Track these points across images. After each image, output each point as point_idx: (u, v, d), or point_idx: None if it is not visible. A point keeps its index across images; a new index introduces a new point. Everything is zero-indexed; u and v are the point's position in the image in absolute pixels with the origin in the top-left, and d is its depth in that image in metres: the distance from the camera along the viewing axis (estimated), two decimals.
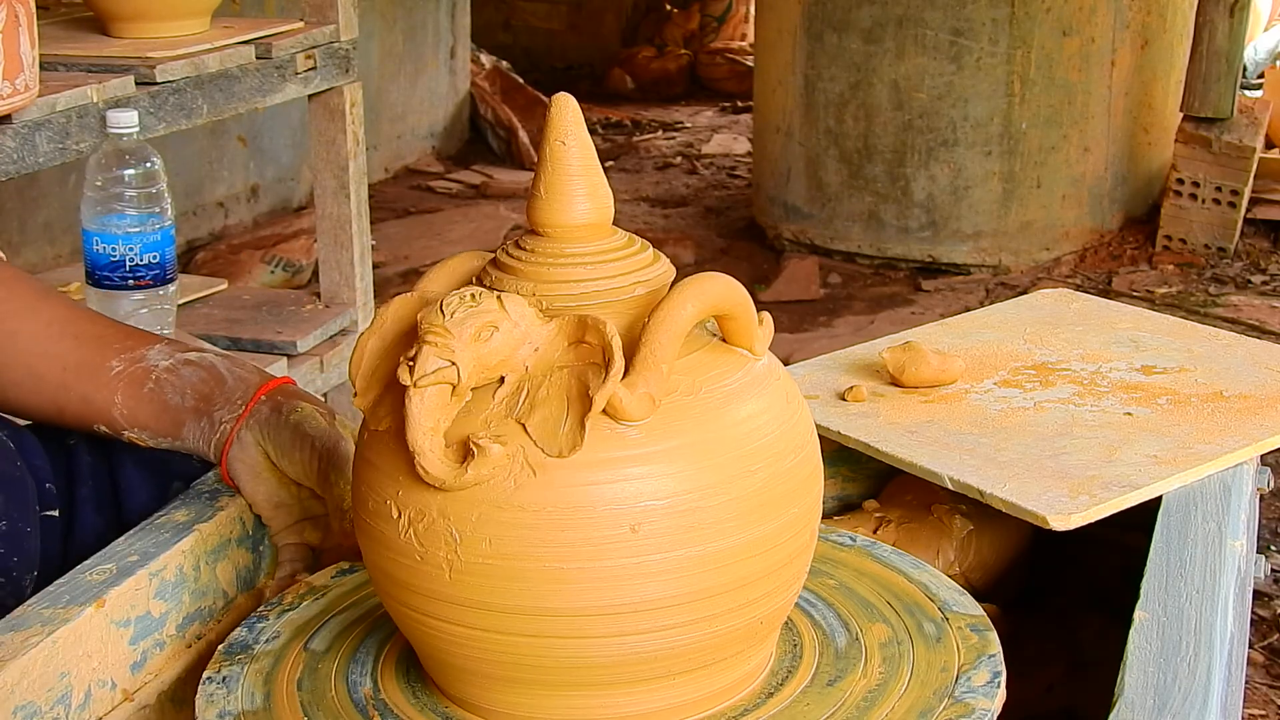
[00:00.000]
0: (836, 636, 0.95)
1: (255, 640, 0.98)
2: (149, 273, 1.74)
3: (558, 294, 0.85)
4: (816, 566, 0.97)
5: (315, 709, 0.90)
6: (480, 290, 0.83)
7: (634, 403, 0.80)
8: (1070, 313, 1.55)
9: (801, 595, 0.96)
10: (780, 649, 0.93)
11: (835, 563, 1.04)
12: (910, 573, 1.02)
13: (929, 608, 0.98)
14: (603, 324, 0.81)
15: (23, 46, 1.70)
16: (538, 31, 7.26)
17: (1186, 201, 4.09)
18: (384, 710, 0.90)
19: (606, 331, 0.80)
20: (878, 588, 1.01)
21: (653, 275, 0.87)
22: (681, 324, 0.81)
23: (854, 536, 1.08)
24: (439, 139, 5.58)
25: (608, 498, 0.80)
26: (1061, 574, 1.35)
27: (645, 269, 0.87)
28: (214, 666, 0.95)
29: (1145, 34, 4.15)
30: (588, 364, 0.81)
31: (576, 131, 0.87)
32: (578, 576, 0.80)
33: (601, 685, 0.84)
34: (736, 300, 0.86)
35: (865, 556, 1.05)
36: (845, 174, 4.24)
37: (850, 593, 1.00)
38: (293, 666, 0.95)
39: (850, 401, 1.31)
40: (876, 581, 1.01)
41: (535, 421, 0.81)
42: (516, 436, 0.81)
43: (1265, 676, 2.15)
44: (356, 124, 2.46)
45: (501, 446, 0.80)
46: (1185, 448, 1.19)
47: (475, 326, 0.80)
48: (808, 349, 3.38)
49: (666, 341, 0.81)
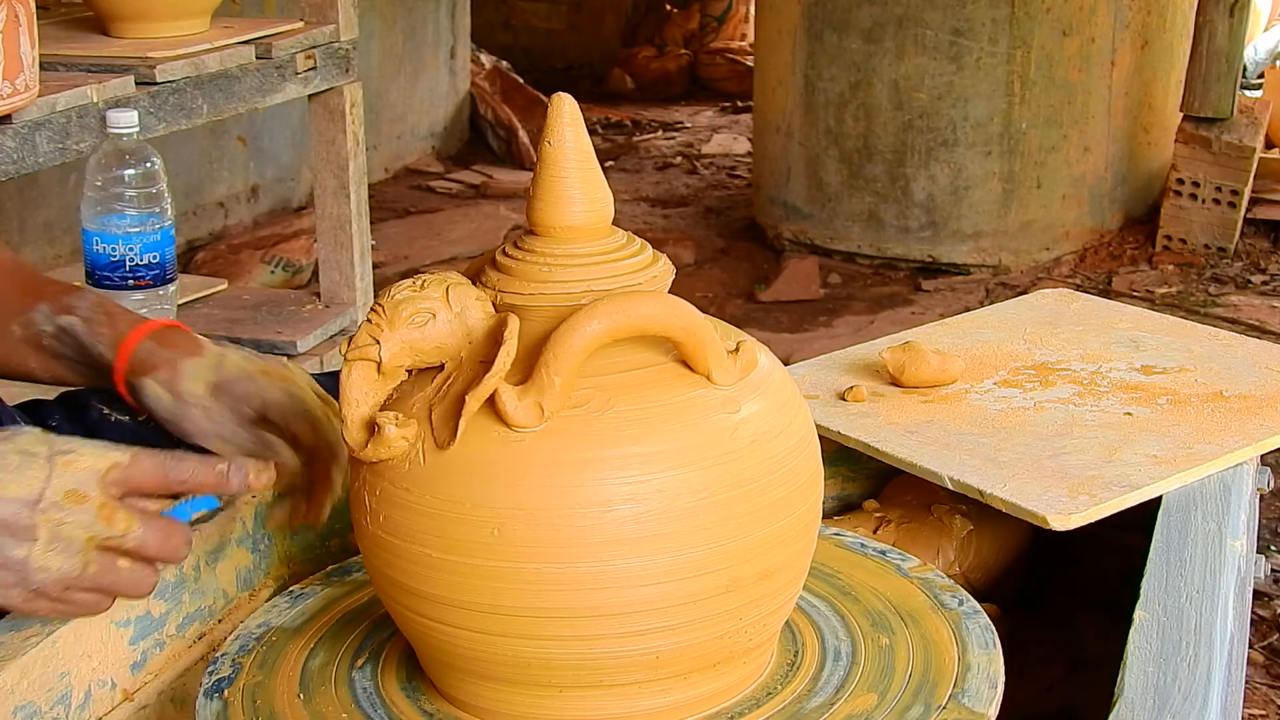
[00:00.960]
0: (837, 638, 0.95)
1: (256, 640, 0.98)
2: (149, 273, 1.74)
3: (556, 294, 0.85)
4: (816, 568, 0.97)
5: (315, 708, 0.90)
6: (430, 278, 0.85)
7: (519, 409, 0.80)
8: (1070, 313, 1.55)
9: (801, 596, 0.96)
10: (780, 651, 0.93)
11: (835, 563, 1.04)
12: (911, 573, 1.02)
13: (929, 608, 0.98)
14: (506, 324, 0.81)
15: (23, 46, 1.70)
16: (538, 31, 7.26)
17: (1186, 201, 4.09)
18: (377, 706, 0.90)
19: (505, 332, 0.81)
20: (878, 588, 1.01)
21: (652, 275, 0.87)
22: (584, 339, 0.80)
23: (858, 537, 1.08)
24: (439, 139, 5.58)
25: (475, 497, 0.81)
26: (1061, 574, 1.35)
27: (644, 269, 0.87)
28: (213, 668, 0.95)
29: (1145, 34, 4.15)
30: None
31: (575, 132, 0.87)
32: (489, 574, 0.81)
33: (601, 687, 0.84)
34: (674, 325, 0.82)
35: (865, 556, 1.05)
36: (845, 174, 4.23)
37: (850, 595, 1.00)
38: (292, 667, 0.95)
39: (850, 401, 1.31)
40: (877, 582, 1.01)
41: (439, 411, 0.83)
42: (424, 423, 0.83)
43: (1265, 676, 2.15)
44: (356, 124, 2.46)
45: (398, 429, 0.82)
46: (1185, 448, 1.19)
47: (410, 311, 0.84)
48: (808, 349, 3.38)
49: (563, 354, 0.80)
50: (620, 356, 0.83)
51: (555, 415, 0.81)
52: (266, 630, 0.99)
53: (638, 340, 0.83)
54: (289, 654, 0.96)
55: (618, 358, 0.83)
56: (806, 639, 0.94)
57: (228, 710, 0.90)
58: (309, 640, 0.97)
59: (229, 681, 0.93)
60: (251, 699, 0.91)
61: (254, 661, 0.95)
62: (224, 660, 0.96)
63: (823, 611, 0.98)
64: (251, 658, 0.96)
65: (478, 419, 0.81)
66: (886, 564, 1.04)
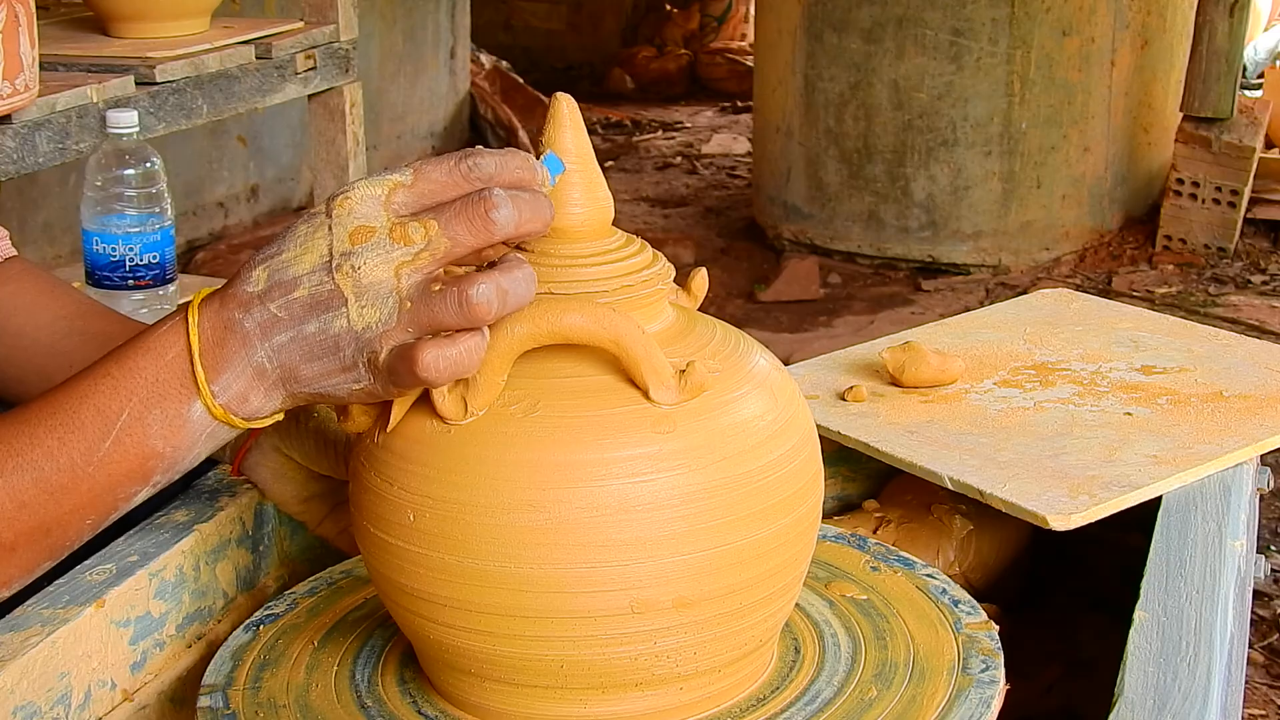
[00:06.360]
0: (837, 639, 0.95)
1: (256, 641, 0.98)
2: (149, 273, 1.74)
3: (555, 294, 0.85)
4: (815, 569, 0.97)
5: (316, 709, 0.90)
6: None
7: (445, 401, 0.81)
8: (1070, 313, 1.55)
9: (801, 596, 0.96)
10: (780, 652, 0.93)
11: (836, 563, 1.04)
12: (911, 574, 1.02)
13: (929, 609, 0.98)
14: None
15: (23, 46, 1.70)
16: (538, 31, 7.26)
17: (1186, 201, 4.09)
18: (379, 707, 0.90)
19: None
20: (878, 589, 1.01)
21: (651, 275, 0.87)
22: (505, 342, 0.80)
23: (861, 538, 1.08)
24: (439, 139, 5.58)
25: (402, 481, 0.83)
26: (1061, 574, 1.35)
27: (644, 270, 0.87)
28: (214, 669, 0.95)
29: (1145, 34, 4.15)
30: None
31: (575, 132, 0.87)
32: (459, 571, 0.81)
33: (600, 689, 0.84)
34: (601, 336, 0.81)
35: (865, 557, 1.05)
36: (845, 174, 4.23)
37: (850, 597, 1.00)
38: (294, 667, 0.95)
39: (850, 401, 1.31)
40: (877, 582, 1.01)
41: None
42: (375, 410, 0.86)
43: (1265, 676, 2.15)
44: (356, 124, 2.46)
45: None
46: (1185, 448, 1.19)
47: None
48: (808, 349, 3.38)
49: (485, 355, 0.80)
50: (573, 364, 0.83)
51: (487, 411, 0.82)
52: (266, 630, 0.99)
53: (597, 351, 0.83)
54: (290, 654, 0.96)
55: (571, 364, 0.83)
56: (806, 641, 0.94)
57: (229, 711, 0.90)
58: (309, 640, 0.97)
59: (230, 682, 0.93)
60: (252, 699, 0.91)
61: (254, 661, 0.95)
62: (224, 660, 0.95)
63: (821, 611, 0.98)
64: (252, 657, 0.96)
65: (423, 409, 0.83)
66: (886, 564, 1.04)
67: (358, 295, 0.77)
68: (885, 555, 1.06)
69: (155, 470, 0.82)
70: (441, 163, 0.80)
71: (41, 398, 0.83)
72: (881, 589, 1.01)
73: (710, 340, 0.88)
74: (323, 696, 0.91)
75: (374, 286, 0.77)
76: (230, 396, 0.80)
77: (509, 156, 0.80)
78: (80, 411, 0.81)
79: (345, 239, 0.77)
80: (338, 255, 0.77)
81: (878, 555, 1.06)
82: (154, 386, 0.81)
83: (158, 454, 0.82)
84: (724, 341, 0.89)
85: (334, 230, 0.78)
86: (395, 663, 0.94)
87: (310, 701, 0.91)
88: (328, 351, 0.79)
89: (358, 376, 0.79)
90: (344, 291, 0.77)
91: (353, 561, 1.07)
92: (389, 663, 0.94)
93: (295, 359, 0.79)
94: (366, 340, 0.78)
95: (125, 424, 0.81)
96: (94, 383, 0.82)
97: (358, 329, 0.77)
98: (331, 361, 0.79)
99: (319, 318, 0.78)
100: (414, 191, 0.78)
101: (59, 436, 0.81)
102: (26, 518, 0.81)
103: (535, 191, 0.79)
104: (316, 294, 0.78)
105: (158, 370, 0.81)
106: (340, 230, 0.77)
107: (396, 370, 0.77)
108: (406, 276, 0.77)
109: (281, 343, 0.79)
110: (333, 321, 0.78)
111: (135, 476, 0.82)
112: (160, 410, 0.81)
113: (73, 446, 0.81)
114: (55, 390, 0.83)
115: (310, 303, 0.78)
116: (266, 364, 0.80)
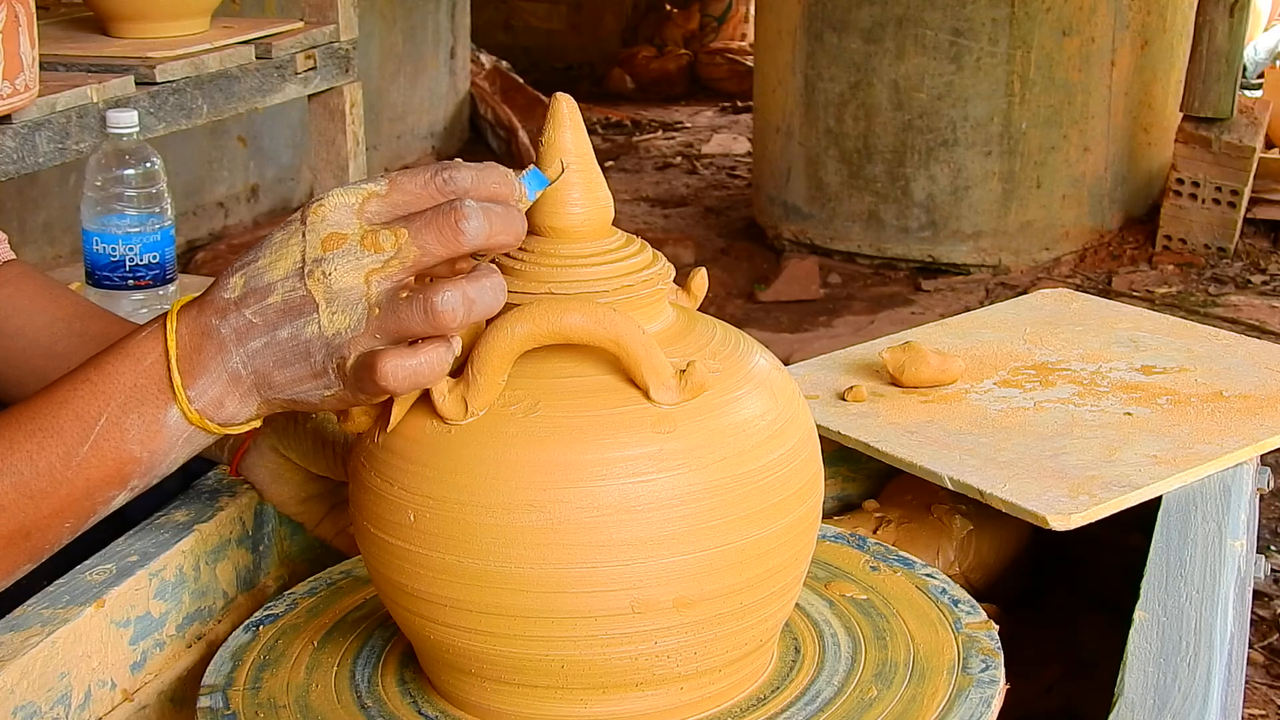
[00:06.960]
0: (837, 639, 0.95)
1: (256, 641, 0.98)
2: (149, 273, 1.74)
3: (556, 295, 0.85)
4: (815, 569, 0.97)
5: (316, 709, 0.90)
6: None
7: (445, 401, 0.82)
8: (1070, 313, 1.55)
9: (801, 596, 0.96)
10: (780, 652, 0.93)
11: (836, 563, 1.04)
12: (910, 574, 1.02)
13: (929, 609, 0.98)
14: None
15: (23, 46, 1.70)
16: (538, 31, 7.26)
17: (1186, 201, 4.09)
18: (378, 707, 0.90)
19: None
20: (878, 589, 1.01)
21: (651, 275, 0.87)
22: (505, 342, 0.80)
23: (861, 538, 1.08)
24: (439, 139, 5.58)
25: (402, 481, 0.83)
26: (1061, 574, 1.35)
27: (644, 270, 0.87)
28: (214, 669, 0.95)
29: (1145, 34, 4.15)
30: None
31: (575, 132, 0.87)
32: (462, 571, 0.81)
33: (600, 689, 0.84)
34: (601, 336, 0.81)
35: (865, 557, 1.05)
36: (845, 174, 4.23)
37: (850, 597, 1.00)
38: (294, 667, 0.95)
39: (850, 401, 1.31)
40: (877, 582, 1.01)
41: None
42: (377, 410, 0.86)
43: (1265, 676, 2.15)
44: (356, 124, 2.46)
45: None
46: (1185, 448, 1.19)
47: None
48: (808, 349, 3.38)
49: (485, 355, 0.81)
50: (573, 364, 0.83)
51: (487, 411, 0.82)
52: (266, 630, 0.99)
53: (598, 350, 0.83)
54: (290, 654, 0.96)
55: (571, 364, 0.83)
56: (806, 641, 0.94)
57: (229, 711, 0.90)
58: (309, 640, 0.97)
59: (230, 682, 0.93)
60: (252, 699, 0.91)
61: (254, 661, 0.95)
62: (224, 660, 0.95)
63: (821, 611, 0.98)
64: (252, 657, 0.96)
65: (424, 409, 0.83)
66: (886, 564, 1.04)
67: (329, 301, 0.78)
68: (885, 555, 1.06)
69: (133, 475, 0.83)
70: (418, 174, 0.80)
71: (23, 402, 0.83)
72: (881, 589, 1.01)
73: (710, 340, 0.88)
74: (323, 697, 0.91)
75: (344, 293, 0.78)
76: (206, 402, 0.81)
77: (486, 171, 0.81)
78: (59, 416, 0.82)
79: (318, 245, 0.78)
80: (310, 261, 0.78)
81: (877, 555, 1.06)
82: (131, 392, 0.81)
83: (135, 459, 0.82)
84: (724, 341, 0.89)
85: (307, 237, 0.78)
86: (395, 663, 0.94)
87: (310, 702, 0.91)
88: (299, 357, 0.79)
89: (328, 383, 0.80)
90: (315, 297, 0.78)
91: (353, 561, 1.07)
92: (389, 663, 0.94)
93: (269, 364, 0.80)
94: (336, 346, 0.78)
95: (103, 429, 0.81)
96: (73, 388, 0.82)
97: (328, 335, 0.78)
98: (303, 367, 0.80)
99: (292, 323, 0.79)
100: (388, 201, 0.79)
101: (38, 441, 0.81)
102: (6, 521, 0.82)
103: (509, 205, 0.80)
104: (289, 300, 0.79)
105: (135, 375, 0.81)
106: (313, 237, 0.78)
107: (360, 377, 0.78)
108: (376, 284, 0.78)
109: (256, 348, 0.80)
110: (305, 327, 0.79)
111: (113, 481, 0.83)
112: (138, 415, 0.81)
113: (51, 451, 0.81)
114: (36, 395, 0.83)
115: (283, 308, 0.79)
116: (241, 370, 0.80)
